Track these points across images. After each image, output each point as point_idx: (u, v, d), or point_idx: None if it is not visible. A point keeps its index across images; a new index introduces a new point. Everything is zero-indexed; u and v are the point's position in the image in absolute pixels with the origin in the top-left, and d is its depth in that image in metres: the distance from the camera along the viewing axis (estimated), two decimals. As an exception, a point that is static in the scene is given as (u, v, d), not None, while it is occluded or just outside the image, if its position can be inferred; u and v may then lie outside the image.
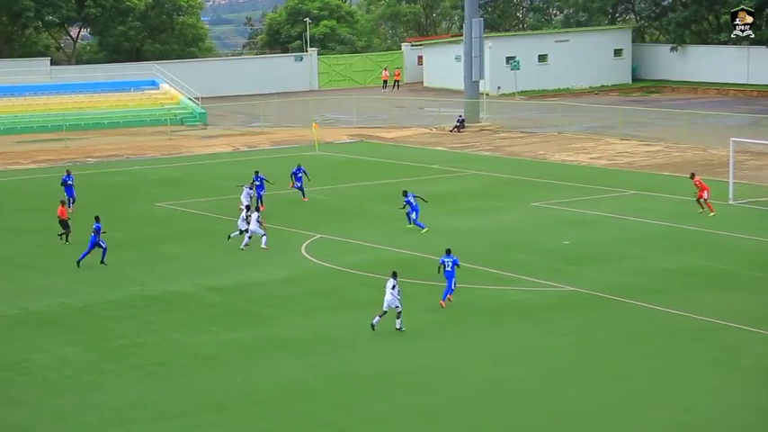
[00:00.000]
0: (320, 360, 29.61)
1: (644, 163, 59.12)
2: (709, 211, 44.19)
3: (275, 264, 39.57)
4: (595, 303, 34.06)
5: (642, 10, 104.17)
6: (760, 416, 25.61)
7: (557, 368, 28.82)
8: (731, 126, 67.56)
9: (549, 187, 52.45)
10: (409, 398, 27.02)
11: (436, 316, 33.31)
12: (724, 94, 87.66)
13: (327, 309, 34.26)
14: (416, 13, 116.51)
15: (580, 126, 72.44)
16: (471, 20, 75.13)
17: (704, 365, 28.76)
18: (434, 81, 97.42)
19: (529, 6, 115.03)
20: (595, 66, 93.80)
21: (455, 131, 72.78)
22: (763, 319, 31.98)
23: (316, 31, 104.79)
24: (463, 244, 41.13)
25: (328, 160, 62.85)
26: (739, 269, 37.55)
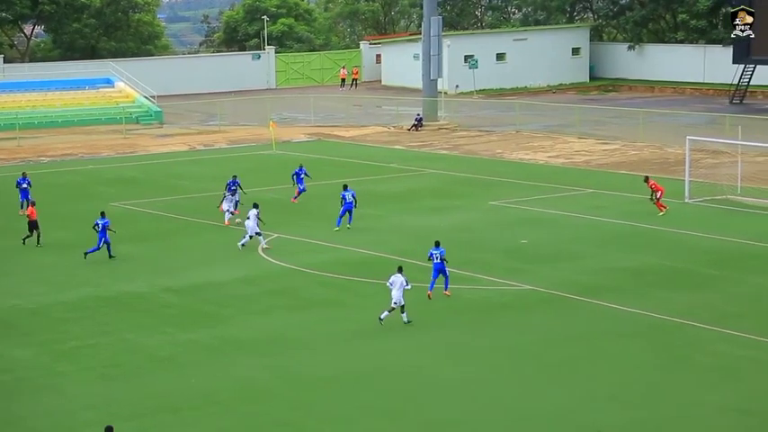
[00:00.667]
0: (277, 360, 29.47)
1: (601, 161, 59.26)
2: (659, 210, 44.25)
3: (232, 264, 39.32)
4: (553, 302, 34.08)
5: (600, 9, 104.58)
6: (718, 413, 25.70)
7: (515, 367, 28.80)
8: (687, 125, 67.88)
9: (506, 186, 52.46)
10: (367, 398, 26.92)
11: (391, 315, 32.99)
12: (681, 93, 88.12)
13: (284, 309, 34.10)
14: (375, 12, 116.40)
15: (538, 125, 72.56)
16: (430, 18, 75.06)
17: (662, 363, 28.83)
18: (393, 79, 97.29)
19: (487, 5, 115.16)
20: (553, 64, 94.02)
21: (413, 130, 72.66)
22: (720, 317, 32.16)
23: (273, 29, 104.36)
24: (421, 243, 41.00)
25: (285, 159, 62.49)
26: (696, 267, 37.72)
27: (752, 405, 26.04)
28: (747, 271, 37.09)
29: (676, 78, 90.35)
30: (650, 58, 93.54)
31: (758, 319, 32.08)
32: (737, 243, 40.71)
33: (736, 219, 44.61)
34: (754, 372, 28.15)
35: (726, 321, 31.73)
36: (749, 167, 51.31)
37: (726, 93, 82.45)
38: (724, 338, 30.53)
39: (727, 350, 29.65)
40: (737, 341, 30.25)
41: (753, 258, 38.72)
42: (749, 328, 31.14)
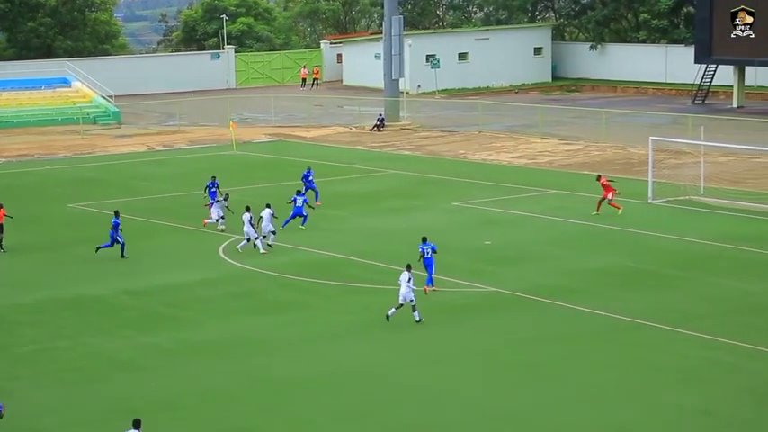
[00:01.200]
0: (239, 363, 29.26)
1: (564, 162, 59.24)
2: (596, 211, 44.06)
3: (192, 266, 39.05)
4: (518, 304, 34.01)
5: (562, 8, 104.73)
6: (680, 414, 25.77)
7: (479, 370, 28.75)
8: (650, 125, 68.02)
9: (469, 187, 52.32)
10: (330, 401, 26.77)
11: (355, 317, 33.14)
12: (643, 93, 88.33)
13: (246, 311, 33.89)
14: (335, 11, 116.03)
15: (500, 125, 72.47)
16: (391, 17, 74.79)
17: (625, 365, 28.87)
18: (354, 79, 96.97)
19: (448, 4, 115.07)
20: (515, 64, 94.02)
21: (375, 130, 72.38)
22: (682, 318, 32.22)
23: (233, 29, 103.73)
24: (383, 244, 40.90)
25: (246, 160, 62.13)
26: (659, 268, 37.75)
27: (713, 406, 26.14)
28: (710, 272, 37.16)
29: (638, 78, 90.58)
30: (612, 58, 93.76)
31: (720, 320, 32.17)
32: (700, 244, 40.78)
33: (699, 219, 44.69)
34: (716, 373, 28.26)
35: (688, 322, 31.78)
36: (712, 168, 51.42)
37: (688, 93, 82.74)
38: (686, 339, 30.60)
39: (690, 351, 29.73)
40: (700, 342, 30.34)
41: (715, 259, 38.82)
42: (711, 329, 31.21)
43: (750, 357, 29.17)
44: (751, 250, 39.71)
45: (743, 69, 78.06)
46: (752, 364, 28.77)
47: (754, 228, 43.02)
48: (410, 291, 31.88)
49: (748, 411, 25.87)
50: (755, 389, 27.07)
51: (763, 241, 40.69)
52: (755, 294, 34.66)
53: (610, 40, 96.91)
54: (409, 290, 31.85)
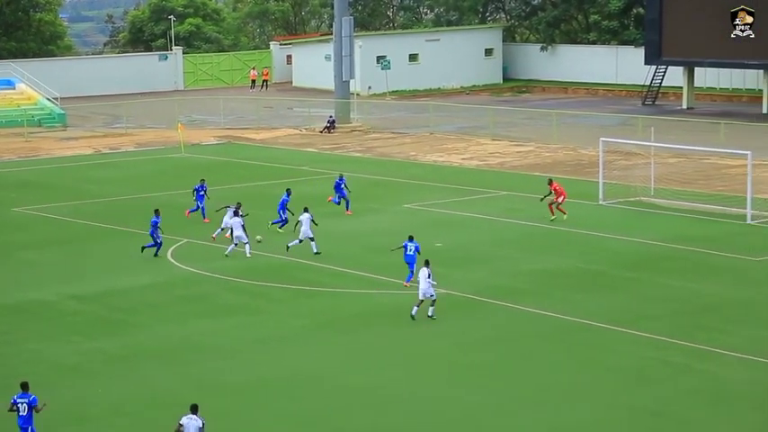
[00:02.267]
0: (189, 368, 29.07)
1: (515, 163, 59.22)
2: (561, 215, 44.00)
3: (141, 270, 38.70)
4: (467, 306, 33.99)
5: (512, 9, 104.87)
6: (632, 415, 25.83)
7: (430, 372, 28.74)
8: (601, 126, 68.18)
9: (421, 188, 52.19)
10: (280, 405, 26.65)
11: (307, 321, 33.01)
12: (593, 94, 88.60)
13: (196, 315, 33.63)
14: (285, 12, 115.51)
15: (451, 126, 72.37)
16: (341, 18, 74.49)
17: (576, 366, 28.95)
18: (304, 81, 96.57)
19: (399, 5, 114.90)
20: (466, 65, 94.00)
21: (325, 132, 72.05)
22: (632, 319, 32.31)
23: (181, 29, 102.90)
24: (334, 247, 40.70)
25: (195, 162, 61.63)
26: (609, 269, 37.82)
27: (664, 407, 26.23)
28: (660, 273, 37.25)
29: (589, 79, 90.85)
30: (563, 59, 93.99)
31: (670, 320, 32.28)
32: (650, 245, 40.87)
33: (649, 220, 44.79)
34: (667, 373, 28.38)
35: (639, 323, 31.86)
36: (662, 169, 51.59)
37: (638, 94, 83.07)
38: (637, 340, 30.68)
39: (641, 352, 29.82)
40: (650, 343, 30.43)
41: (665, 260, 38.92)
42: (662, 329, 31.31)
43: (700, 358, 29.31)
44: (701, 251, 39.87)
45: (692, 70, 78.51)
46: (702, 364, 28.90)
47: (704, 228, 43.19)
48: (430, 287, 32.24)
49: (699, 412, 26.02)
50: (706, 389, 27.25)
51: (713, 242, 40.87)
52: (705, 295, 34.82)
53: (560, 42, 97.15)
54: (429, 286, 32.21)
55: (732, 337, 30.66)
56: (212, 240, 41.56)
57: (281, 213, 43.22)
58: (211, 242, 41.76)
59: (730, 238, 41.62)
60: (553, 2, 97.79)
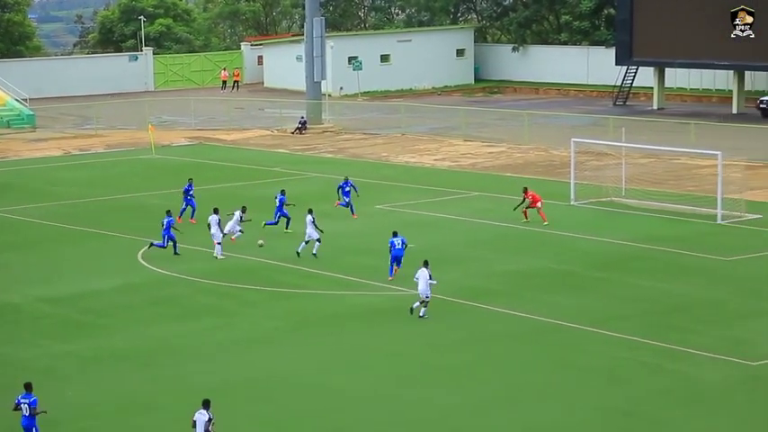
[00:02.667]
0: (160, 371, 28.97)
1: (487, 164, 59.25)
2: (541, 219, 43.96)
3: (111, 272, 38.51)
4: (440, 307, 33.85)
5: (484, 10, 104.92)
6: (604, 415, 25.90)
7: (403, 373, 28.73)
8: (572, 126, 68.28)
9: (393, 190, 52.13)
10: (252, 407, 26.56)
11: (280, 322, 32.96)
12: (565, 95, 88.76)
13: (167, 317, 33.52)
14: (256, 12, 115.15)
15: (423, 127, 72.33)
16: (312, 19, 74.33)
17: (548, 367, 29.03)
18: (275, 81, 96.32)
19: (370, 6, 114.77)
20: (438, 66, 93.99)
21: (297, 133, 71.88)
22: (603, 319, 32.39)
23: (151, 30, 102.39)
24: (307, 248, 40.48)
25: (165, 164, 61.37)
26: (581, 270, 37.90)
27: (635, 407, 26.31)
28: (631, 273, 37.35)
29: (560, 80, 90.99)
30: (534, 60, 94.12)
31: (642, 320, 32.36)
32: (622, 245, 40.96)
33: (620, 221, 44.89)
34: (638, 374, 28.45)
35: (610, 323, 31.94)
36: (633, 169, 51.71)
37: (609, 94, 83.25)
38: (609, 340, 30.76)
39: (612, 352, 29.89)
40: (622, 343, 30.51)
41: (636, 260, 39.02)
42: (633, 329, 31.39)
43: (672, 358, 29.42)
44: (671, 251, 40.00)
45: (663, 71, 78.77)
46: (673, 364, 29.00)
47: (675, 229, 43.33)
48: (428, 288, 32.42)
49: (671, 412, 26.07)
50: (678, 389, 27.32)
51: (684, 242, 41.00)
52: (676, 295, 34.93)
53: (532, 42, 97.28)
54: (428, 287, 32.39)
55: (703, 337, 30.77)
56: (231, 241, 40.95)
57: (280, 214, 42.75)
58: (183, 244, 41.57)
59: (701, 238, 41.77)
60: (524, 2, 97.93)
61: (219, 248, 39.66)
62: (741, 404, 26.46)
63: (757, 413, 25.96)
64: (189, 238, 42.55)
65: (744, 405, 26.42)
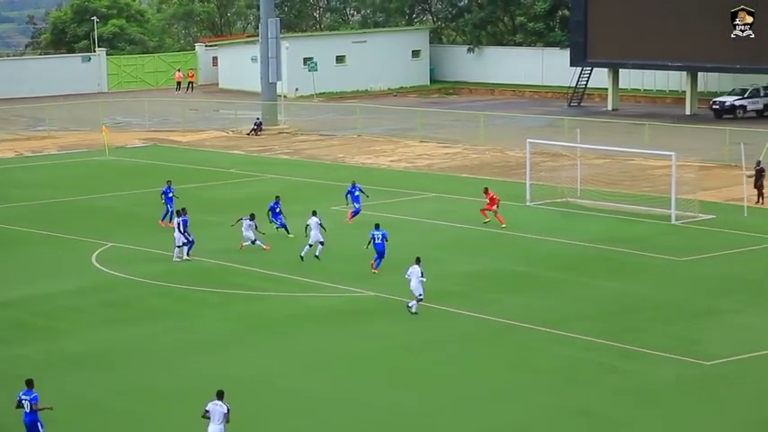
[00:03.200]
0: (114, 374, 28.79)
1: (443, 165, 59.28)
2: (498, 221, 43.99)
3: (64, 274, 38.22)
4: (398, 308, 33.86)
5: (439, 11, 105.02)
6: (561, 415, 25.98)
7: (361, 375, 28.72)
8: (527, 127, 68.44)
9: (348, 190, 51.89)
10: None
11: (237, 325, 32.81)
12: (520, 96, 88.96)
13: (121, 320, 33.25)
14: (210, 13, 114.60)
15: (379, 128, 72.25)
16: (267, 20, 74.03)
17: (505, 368, 29.10)
18: (230, 83, 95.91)
19: (325, 6, 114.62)
20: (393, 67, 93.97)
21: (252, 134, 71.61)
22: (560, 320, 32.51)
23: (104, 31, 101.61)
24: (263, 250, 40.32)
25: (119, 165, 60.93)
26: (537, 270, 38.00)
27: (592, 407, 26.44)
28: (586, 274, 37.51)
29: (516, 81, 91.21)
30: (490, 61, 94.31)
31: (597, 321, 32.47)
32: (577, 246, 41.11)
33: (576, 221, 45.04)
34: (594, 374, 28.58)
35: (566, 324, 32.06)
36: (588, 170, 51.89)
37: (564, 95, 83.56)
38: (565, 341, 30.88)
39: (569, 353, 30.01)
40: (578, 343, 30.63)
41: (591, 261, 39.20)
42: (589, 330, 31.50)
43: (627, 358, 29.56)
44: (626, 251, 40.19)
45: (617, 72, 79.18)
46: (629, 364, 29.15)
47: (629, 229, 43.53)
48: (419, 285, 32.54)
49: (627, 411, 26.21)
50: (633, 389, 27.43)
51: (638, 242, 41.21)
52: (630, 295, 35.09)
53: (487, 43, 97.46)
54: (419, 284, 32.51)
55: (657, 337, 30.94)
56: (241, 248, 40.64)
57: (277, 219, 42.36)
58: (138, 246, 41.36)
59: (655, 238, 41.99)
60: (479, 4, 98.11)
61: (178, 251, 39.37)
62: (695, 403, 26.63)
63: (711, 412, 26.11)
64: (147, 240, 42.34)
65: (698, 404, 26.60)
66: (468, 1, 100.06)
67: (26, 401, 23.95)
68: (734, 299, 34.49)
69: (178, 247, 39.29)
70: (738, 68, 73.05)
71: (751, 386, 27.49)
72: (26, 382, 24.31)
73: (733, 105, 72.33)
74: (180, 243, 39.26)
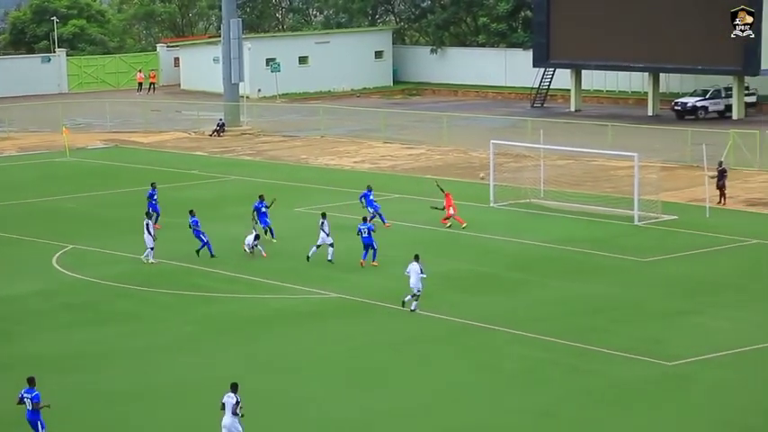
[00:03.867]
0: (77, 377, 28.67)
1: (407, 166, 59.23)
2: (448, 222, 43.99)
3: (24, 277, 37.94)
4: (361, 309, 33.98)
5: (402, 12, 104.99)
6: (522, 417, 26.04)
7: (325, 376, 28.69)
8: (491, 128, 68.46)
9: (312, 192, 51.88)
10: (170, 412, 26.44)
11: (199, 327, 32.70)
12: (483, 97, 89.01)
13: (83, 323, 33.14)
14: (172, 13, 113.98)
15: (343, 129, 72.11)
16: (229, 20, 73.71)
17: (467, 369, 29.15)
18: (192, 83, 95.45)
19: (288, 7, 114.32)
20: (357, 68, 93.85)
21: (215, 136, 71.29)
22: (523, 321, 32.57)
23: (64, 31, 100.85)
24: (226, 251, 40.28)
25: (80, 167, 60.52)
26: (500, 272, 38.06)
27: (554, 408, 26.53)
28: (550, 275, 37.58)
29: (479, 82, 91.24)
30: (453, 62, 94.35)
31: (559, 322, 32.57)
32: (540, 246, 41.18)
33: (539, 222, 45.10)
34: (556, 374, 28.67)
35: (529, 325, 32.12)
36: (551, 171, 52.01)
37: (527, 96, 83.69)
38: (527, 342, 30.95)
39: (531, 353, 30.10)
40: (540, 344, 30.72)
41: (555, 262, 39.28)
42: (551, 331, 31.59)
43: (589, 358, 29.66)
44: (589, 252, 40.30)
45: (579, 73, 79.39)
46: (590, 365, 29.25)
47: (592, 230, 43.64)
48: (419, 281, 32.68)
49: (588, 412, 26.33)
50: (594, 389, 27.57)
51: (601, 243, 41.32)
52: (594, 296, 35.20)
53: (450, 44, 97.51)
54: (418, 280, 32.65)
55: (620, 338, 31.03)
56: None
57: (262, 220, 41.98)
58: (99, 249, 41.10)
59: (618, 239, 42.12)
60: (442, 4, 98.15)
61: (151, 253, 39.07)
62: (657, 403, 26.71)
63: (673, 412, 26.21)
64: (108, 241, 42.06)
65: (660, 404, 26.66)
66: (431, 2, 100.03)
67: (27, 399, 24.05)
68: (696, 299, 34.65)
69: (317, 246, 38.89)
70: (700, 69, 73.46)
71: (712, 386, 27.64)
72: (27, 380, 24.39)
73: (695, 106, 72.68)
74: (151, 245, 38.97)
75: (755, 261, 39.08)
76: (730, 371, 28.60)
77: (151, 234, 38.94)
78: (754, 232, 42.38)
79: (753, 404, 26.62)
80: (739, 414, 25.99)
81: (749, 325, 32.17)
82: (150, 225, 39.16)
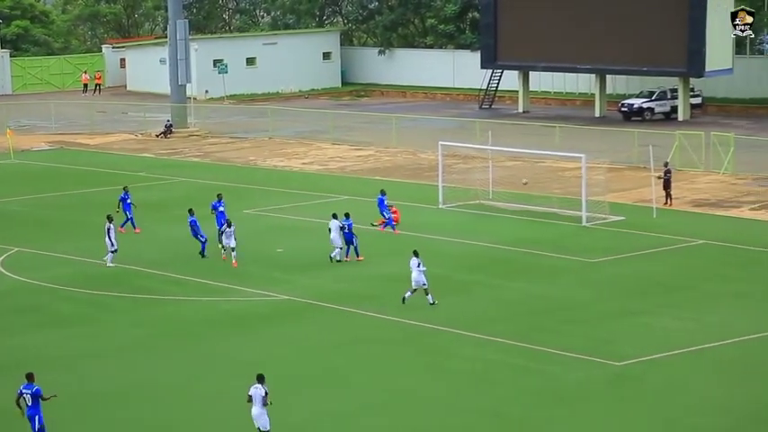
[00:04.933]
0: (19, 382, 27.41)
1: (356, 167, 59.18)
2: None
3: (-32, 281, 37.28)
4: (311, 311, 33.89)
5: (350, 13, 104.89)
6: (473, 418, 26.05)
7: (275, 379, 28.16)
8: (439, 129, 68.50)
9: (261, 194, 51.69)
10: (118, 415, 26.25)
11: (147, 330, 32.53)
12: (432, 98, 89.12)
13: (29, 326, 32.82)
14: (117, 14, 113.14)
15: (291, 131, 71.93)
16: (175, 21, 73.27)
17: (418, 370, 29.14)
18: (139, 85, 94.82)
19: (235, 8, 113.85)
20: (304, 69, 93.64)
21: (162, 137, 70.83)
22: (473, 322, 32.63)
23: (7, 32, 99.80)
24: (173, 253, 40.12)
25: (25, 169, 59.88)
26: (450, 273, 38.01)
27: (505, 408, 26.63)
28: (498, 276, 37.73)
29: (427, 83, 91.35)
30: (401, 63, 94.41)
31: (509, 322, 32.68)
32: (489, 248, 41.28)
33: (488, 223, 45.20)
34: (506, 375, 28.79)
35: (479, 326, 32.18)
36: (500, 172, 52.17)
37: (475, 98, 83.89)
38: (477, 343, 31.01)
39: (481, 354, 30.15)
40: (490, 345, 30.79)
41: (503, 263, 39.41)
42: (501, 332, 31.67)
43: (538, 359, 29.77)
44: (537, 253, 40.43)
45: (527, 75, 79.70)
46: (540, 365, 29.35)
47: (541, 231, 43.80)
48: (421, 275, 33.23)
49: (539, 412, 26.43)
50: (545, 390, 27.65)
51: (550, 244, 41.49)
52: (542, 297, 35.32)
53: (398, 45, 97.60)
54: (420, 274, 33.23)
55: (568, 338, 31.15)
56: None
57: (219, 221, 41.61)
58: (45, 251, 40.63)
59: (566, 239, 42.30)
60: (390, 6, 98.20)
61: (111, 257, 38.66)
62: (606, 404, 26.87)
63: (621, 412, 26.33)
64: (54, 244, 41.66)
65: (609, 404, 26.83)
66: (379, 3, 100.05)
67: (27, 395, 23.90)
68: (644, 300, 34.85)
69: (111, 252, 38.55)
70: (645, 71, 74.04)
71: (661, 386, 27.78)
72: (26, 376, 24.25)
73: (641, 108, 73.24)
74: (112, 249, 38.58)
75: (703, 261, 39.43)
76: (679, 371, 28.80)
77: (111, 238, 38.51)
78: (701, 233, 42.75)
79: (700, 404, 26.84)
80: (685, 414, 26.16)
81: (698, 325, 32.44)
82: (112, 229, 38.72)
